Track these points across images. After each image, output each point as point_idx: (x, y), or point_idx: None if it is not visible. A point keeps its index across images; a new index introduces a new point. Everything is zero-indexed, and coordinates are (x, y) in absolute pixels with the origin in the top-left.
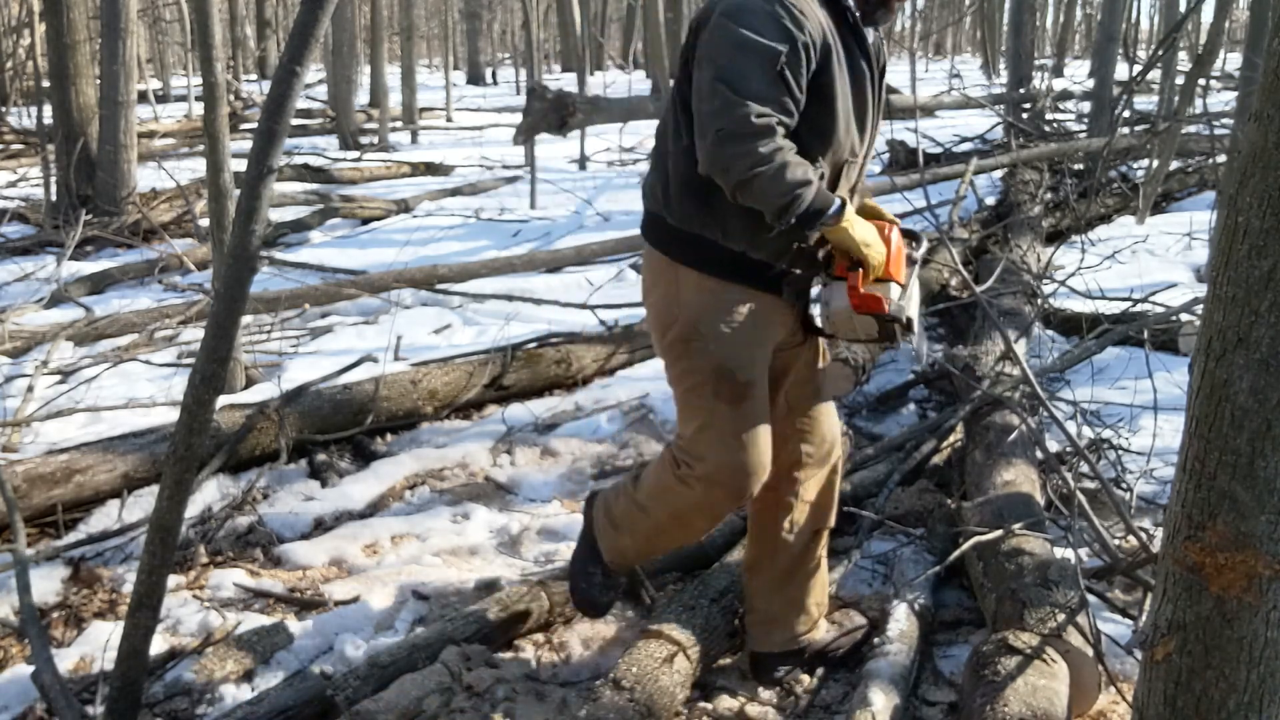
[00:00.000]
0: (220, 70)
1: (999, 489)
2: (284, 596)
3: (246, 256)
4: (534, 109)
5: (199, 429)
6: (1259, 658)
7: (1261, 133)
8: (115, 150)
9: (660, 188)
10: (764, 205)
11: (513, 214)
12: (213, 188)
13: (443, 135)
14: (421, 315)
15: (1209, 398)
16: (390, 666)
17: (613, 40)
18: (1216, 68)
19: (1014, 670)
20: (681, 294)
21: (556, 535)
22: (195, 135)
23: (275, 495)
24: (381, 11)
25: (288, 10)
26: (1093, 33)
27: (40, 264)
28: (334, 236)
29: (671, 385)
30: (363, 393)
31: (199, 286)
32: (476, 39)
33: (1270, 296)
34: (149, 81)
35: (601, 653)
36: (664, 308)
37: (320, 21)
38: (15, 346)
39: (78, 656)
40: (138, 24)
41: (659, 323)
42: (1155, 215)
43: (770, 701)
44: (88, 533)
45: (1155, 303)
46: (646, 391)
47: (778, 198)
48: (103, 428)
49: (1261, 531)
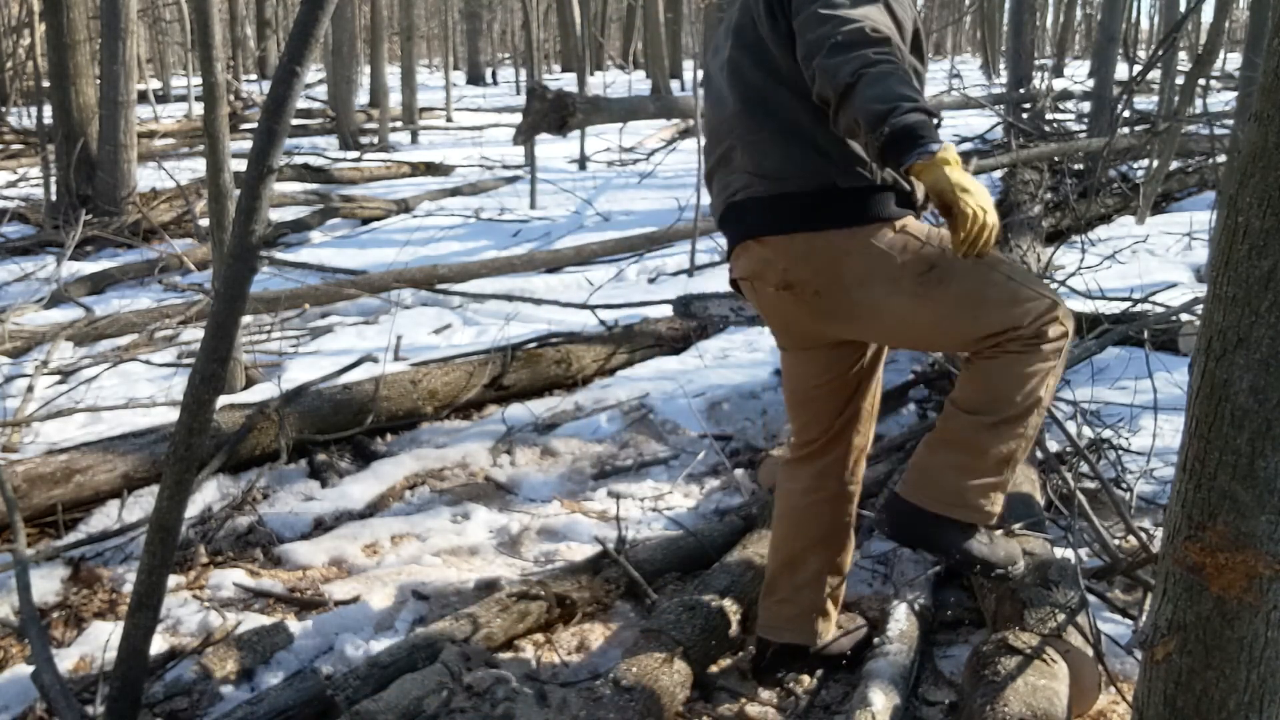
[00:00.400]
0: (220, 70)
1: None
2: (284, 596)
3: (246, 256)
4: (534, 109)
5: (199, 429)
6: (1259, 658)
7: (1261, 133)
8: (115, 150)
9: (798, 159)
10: (863, 114)
11: (513, 214)
12: (213, 188)
13: (443, 135)
14: (421, 315)
15: (1209, 398)
16: (390, 666)
17: (613, 40)
18: (1216, 68)
19: (1014, 670)
20: (893, 248)
21: (556, 535)
22: (195, 135)
23: (275, 495)
24: (381, 11)
25: (288, 10)
26: (1093, 33)
27: (40, 264)
28: (334, 236)
29: (961, 331)
30: (363, 393)
31: (199, 286)
32: (476, 39)
33: (1270, 296)
34: (149, 81)
35: (601, 653)
36: (878, 283)
37: (320, 21)
38: (15, 346)
39: (78, 656)
40: (138, 24)
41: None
42: (1155, 215)
43: (770, 701)
44: (88, 533)
45: (1155, 303)
46: (646, 391)
47: (879, 103)
48: (103, 428)
49: (1261, 531)
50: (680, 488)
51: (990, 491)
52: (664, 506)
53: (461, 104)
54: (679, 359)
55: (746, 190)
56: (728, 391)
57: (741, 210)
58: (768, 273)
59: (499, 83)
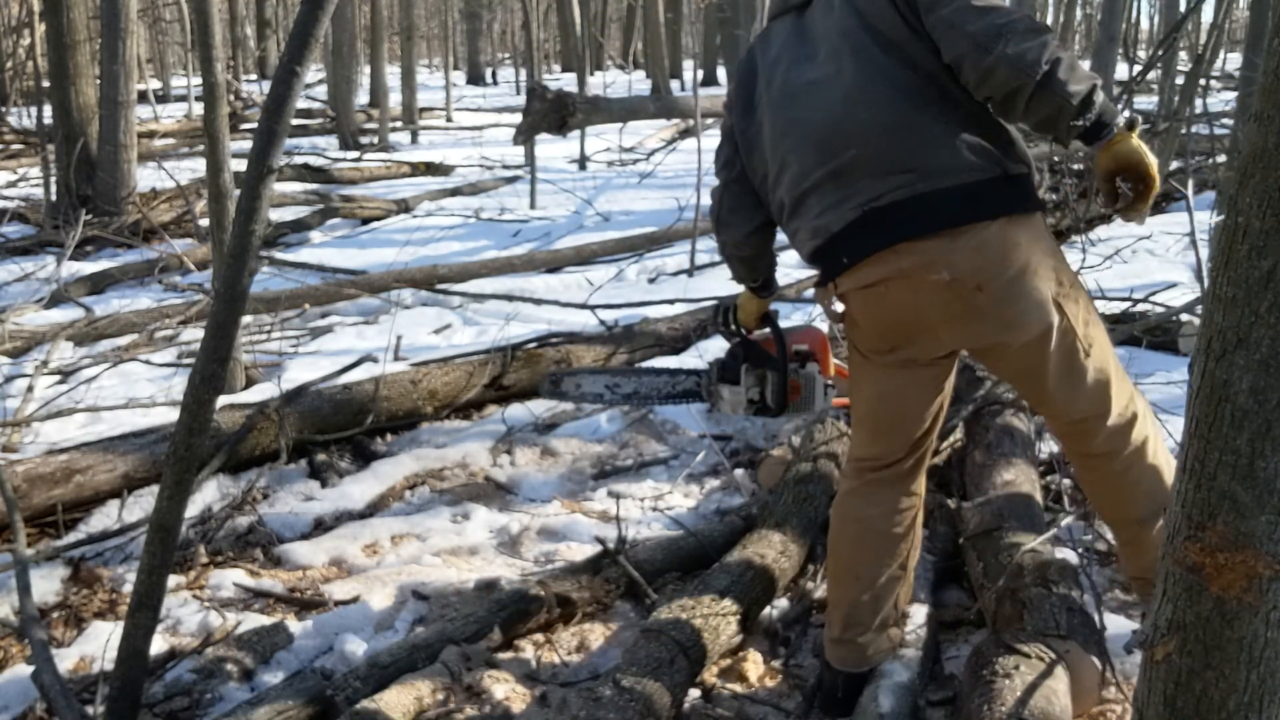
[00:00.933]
0: (220, 70)
1: (999, 489)
2: (284, 596)
3: (246, 256)
4: (534, 109)
5: (199, 429)
6: (1259, 658)
7: (1261, 133)
8: (115, 150)
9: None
10: (1068, 96)
11: (513, 214)
12: (213, 188)
13: (443, 135)
14: (421, 315)
15: (1209, 398)
16: (390, 666)
17: (613, 40)
18: (1216, 68)
19: (1013, 670)
20: (1050, 246)
21: (556, 535)
22: (195, 135)
23: (275, 495)
24: (381, 11)
25: (288, 10)
26: (1093, 33)
27: (40, 264)
28: (334, 236)
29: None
30: (363, 393)
31: (199, 286)
32: (476, 39)
33: (1270, 297)
34: (149, 81)
35: (601, 653)
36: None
37: (320, 21)
38: (15, 346)
39: (78, 656)
40: (138, 24)
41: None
42: (1155, 215)
43: (770, 701)
44: (88, 533)
45: (1155, 303)
46: None
47: (1081, 83)
48: (103, 428)
49: (1261, 531)
50: (680, 488)
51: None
52: (664, 506)
53: (461, 104)
54: (679, 359)
55: (899, 191)
56: None
57: (892, 213)
58: (921, 273)
59: (499, 83)
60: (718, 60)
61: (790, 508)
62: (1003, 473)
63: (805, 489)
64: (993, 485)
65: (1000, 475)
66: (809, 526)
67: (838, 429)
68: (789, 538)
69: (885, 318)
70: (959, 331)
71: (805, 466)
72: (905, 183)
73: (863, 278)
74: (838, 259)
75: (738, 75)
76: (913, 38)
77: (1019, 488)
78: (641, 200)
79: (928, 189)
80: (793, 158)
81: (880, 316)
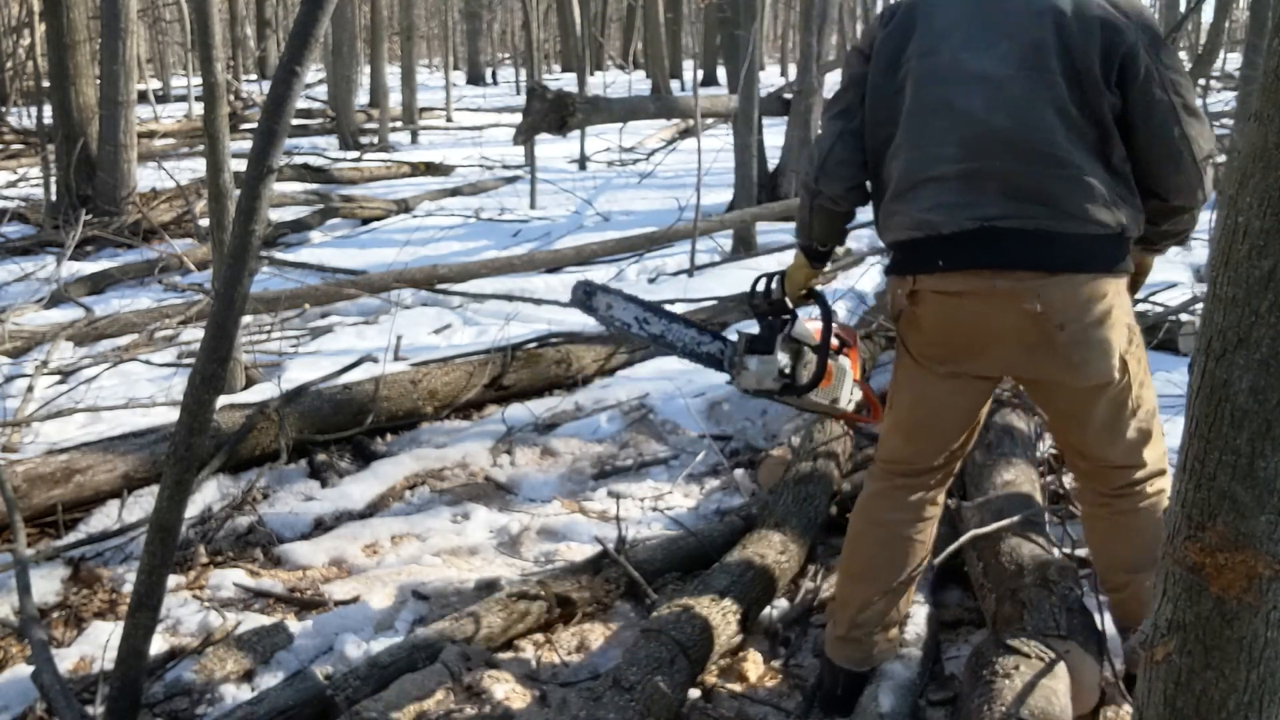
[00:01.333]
0: (220, 70)
1: (999, 489)
2: (284, 596)
3: (246, 256)
4: (534, 109)
5: (199, 429)
6: (1259, 658)
7: (1261, 133)
8: (115, 150)
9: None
10: (1204, 189)
11: (513, 214)
12: (213, 188)
13: (443, 135)
14: (421, 315)
15: (1209, 398)
16: (390, 666)
17: (613, 40)
18: (1216, 68)
19: (1013, 670)
20: (1128, 305)
21: (556, 535)
22: (195, 135)
23: (275, 495)
24: (381, 11)
25: (288, 10)
26: None
27: (40, 264)
28: (334, 236)
29: (1128, 412)
30: (363, 393)
31: (199, 286)
32: (476, 39)
33: (1270, 297)
34: (149, 81)
35: (601, 653)
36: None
37: (320, 21)
38: (15, 346)
39: (78, 656)
40: (138, 24)
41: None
42: None
43: (770, 701)
44: (88, 533)
45: (1155, 303)
46: (646, 391)
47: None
48: (103, 428)
49: (1261, 531)
50: (680, 488)
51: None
52: (664, 506)
53: (461, 104)
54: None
55: (1027, 221)
56: (727, 391)
57: (1012, 238)
58: (1013, 299)
59: (499, 83)
60: (718, 60)
61: (790, 508)
62: (1003, 473)
63: (805, 489)
64: (993, 485)
65: (1000, 475)
66: (809, 526)
67: (838, 429)
68: (789, 538)
69: (956, 329)
70: (1026, 359)
71: (805, 466)
72: (1036, 215)
73: (949, 284)
74: (933, 259)
75: (889, 26)
76: (1100, 83)
77: (1019, 488)
78: (641, 200)
79: (1056, 229)
80: (930, 139)
81: (950, 326)
